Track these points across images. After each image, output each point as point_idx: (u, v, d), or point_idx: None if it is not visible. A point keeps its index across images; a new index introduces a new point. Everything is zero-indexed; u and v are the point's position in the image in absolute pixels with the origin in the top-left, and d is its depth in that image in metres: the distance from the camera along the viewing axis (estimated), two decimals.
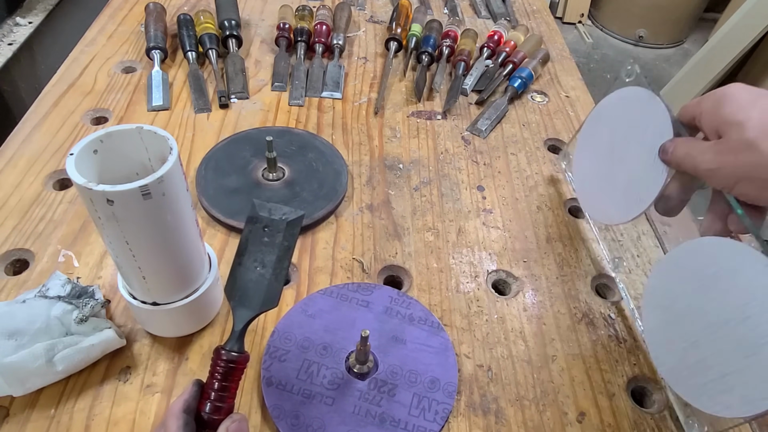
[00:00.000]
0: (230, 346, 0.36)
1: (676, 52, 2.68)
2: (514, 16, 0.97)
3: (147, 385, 0.44)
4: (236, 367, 0.36)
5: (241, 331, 0.37)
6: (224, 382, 0.36)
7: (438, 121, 0.74)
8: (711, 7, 2.61)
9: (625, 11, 2.64)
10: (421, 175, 0.66)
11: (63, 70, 0.76)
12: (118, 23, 0.86)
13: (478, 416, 0.44)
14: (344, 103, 0.75)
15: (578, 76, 0.84)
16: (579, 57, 2.56)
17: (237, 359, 0.36)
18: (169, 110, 0.71)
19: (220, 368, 0.36)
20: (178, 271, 0.41)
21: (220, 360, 0.36)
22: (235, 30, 0.79)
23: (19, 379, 0.40)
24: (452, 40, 0.82)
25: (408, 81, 0.80)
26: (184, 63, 0.78)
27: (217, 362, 0.36)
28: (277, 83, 0.76)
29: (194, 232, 0.41)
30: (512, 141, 0.72)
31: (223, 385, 0.36)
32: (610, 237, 0.59)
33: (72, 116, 0.68)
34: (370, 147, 0.69)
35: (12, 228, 0.55)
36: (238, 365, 0.36)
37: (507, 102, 0.76)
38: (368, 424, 0.42)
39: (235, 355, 0.36)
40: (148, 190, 0.34)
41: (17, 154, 0.63)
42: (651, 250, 0.59)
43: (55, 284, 0.46)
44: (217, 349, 0.37)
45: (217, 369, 0.36)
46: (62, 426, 0.42)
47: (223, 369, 0.36)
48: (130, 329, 0.48)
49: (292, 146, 0.65)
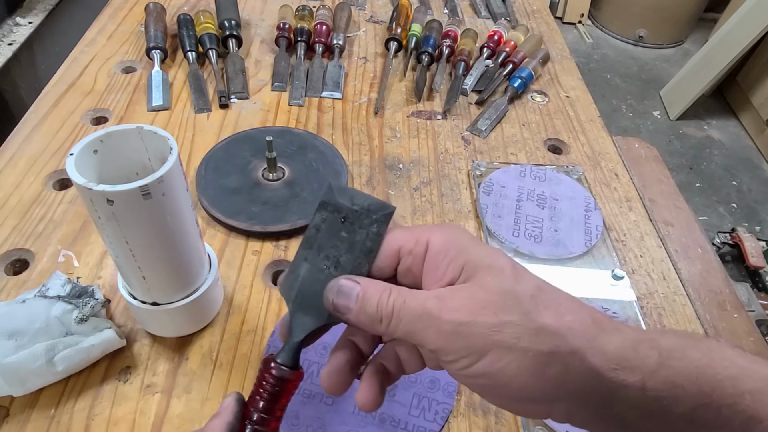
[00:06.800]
0: (283, 359, 0.29)
1: (676, 52, 2.68)
2: (514, 16, 0.97)
3: (147, 385, 0.44)
4: (288, 387, 0.29)
5: (300, 343, 0.29)
6: (271, 403, 0.29)
7: (438, 121, 0.74)
8: (711, 7, 2.61)
9: (625, 11, 2.64)
10: (421, 175, 0.66)
11: (63, 70, 0.76)
12: (118, 23, 0.86)
13: (478, 416, 0.44)
14: (344, 103, 0.75)
15: (578, 76, 0.84)
16: (579, 57, 2.56)
17: (290, 377, 0.29)
18: (169, 110, 0.71)
19: (269, 385, 0.29)
20: (178, 271, 0.41)
21: (269, 375, 0.29)
22: (235, 30, 0.79)
23: (19, 379, 0.40)
24: (452, 40, 0.82)
25: (408, 81, 0.80)
26: (184, 63, 0.78)
27: (265, 377, 0.29)
28: (277, 83, 0.76)
29: (194, 232, 0.41)
30: (512, 141, 0.72)
31: (269, 406, 0.29)
32: (614, 237, 0.59)
33: (72, 116, 0.68)
34: (370, 147, 0.69)
35: (12, 228, 0.55)
36: (290, 384, 0.29)
37: (507, 102, 0.76)
38: (368, 424, 0.42)
39: (287, 371, 0.29)
40: (148, 190, 0.34)
41: (17, 154, 0.63)
42: (654, 250, 0.59)
43: (55, 284, 0.46)
44: (266, 361, 0.29)
45: (264, 385, 0.29)
46: (62, 426, 0.42)
47: (271, 387, 0.29)
48: (130, 329, 0.48)
49: (292, 146, 0.65)
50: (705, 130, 2.24)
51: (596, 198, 0.64)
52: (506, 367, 0.24)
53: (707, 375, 0.24)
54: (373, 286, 0.27)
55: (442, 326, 0.25)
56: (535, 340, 0.24)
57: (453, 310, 0.25)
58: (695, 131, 2.23)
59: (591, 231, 0.59)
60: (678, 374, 0.24)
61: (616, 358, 0.24)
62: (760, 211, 1.90)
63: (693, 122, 2.26)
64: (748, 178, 2.02)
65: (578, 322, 0.25)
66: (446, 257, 0.27)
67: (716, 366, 0.25)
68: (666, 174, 0.71)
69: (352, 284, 0.28)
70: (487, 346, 0.24)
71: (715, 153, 2.13)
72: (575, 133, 0.74)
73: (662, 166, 0.73)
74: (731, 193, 1.96)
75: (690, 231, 0.63)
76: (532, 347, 0.24)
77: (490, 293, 0.25)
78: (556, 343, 0.24)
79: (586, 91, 0.82)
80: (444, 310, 0.25)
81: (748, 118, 2.21)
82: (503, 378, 0.24)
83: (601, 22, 2.78)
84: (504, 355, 0.24)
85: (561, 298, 0.26)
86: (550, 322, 0.24)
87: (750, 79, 2.17)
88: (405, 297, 0.26)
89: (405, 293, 0.27)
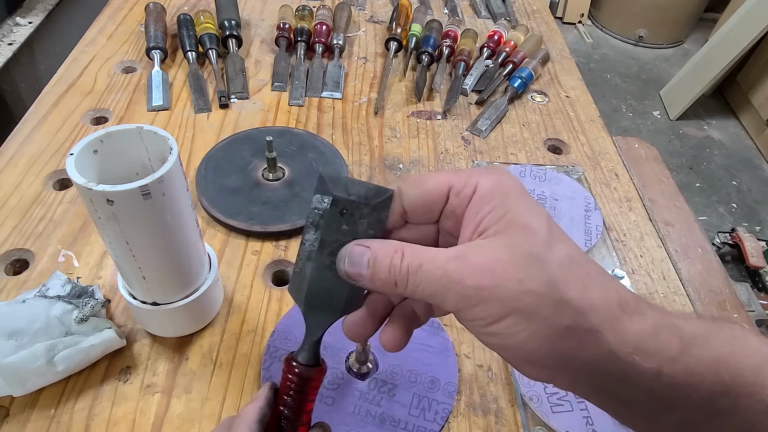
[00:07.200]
0: (304, 357, 0.30)
1: (676, 52, 2.68)
2: (514, 16, 0.97)
3: (147, 385, 0.44)
4: (312, 384, 0.30)
5: (318, 341, 0.30)
6: (299, 401, 0.30)
7: (438, 121, 0.74)
8: (711, 7, 2.61)
9: (625, 11, 2.64)
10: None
11: (63, 70, 0.76)
12: (118, 23, 0.86)
13: (478, 416, 0.44)
14: (344, 103, 0.75)
15: (578, 76, 0.84)
16: (579, 57, 2.56)
17: (313, 375, 0.30)
18: (169, 110, 0.71)
19: (294, 384, 0.30)
20: (178, 271, 0.41)
21: (292, 375, 0.30)
22: (235, 30, 0.79)
23: (19, 379, 0.40)
24: (452, 40, 0.82)
25: (408, 81, 0.80)
26: (184, 63, 0.78)
27: (289, 377, 0.30)
28: (277, 83, 0.76)
29: (194, 232, 0.41)
30: (512, 141, 0.72)
31: (298, 405, 0.30)
32: (614, 237, 0.59)
33: (72, 116, 0.68)
34: (370, 147, 0.69)
35: (12, 228, 0.55)
36: (314, 381, 0.30)
37: (507, 102, 0.76)
38: (368, 424, 0.42)
39: (311, 370, 0.30)
40: (148, 190, 0.34)
41: (17, 154, 0.63)
42: (654, 250, 0.59)
43: (55, 284, 0.46)
44: (287, 361, 0.30)
45: (290, 386, 0.30)
46: (62, 426, 0.41)
47: (297, 385, 0.30)
48: (130, 329, 0.48)
49: (292, 146, 0.65)
50: (705, 130, 2.24)
51: (596, 198, 0.64)
52: (520, 332, 0.24)
53: (728, 364, 0.24)
54: (384, 249, 0.26)
55: (464, 290, 0.24)
56: (555, 312, 0.23)
57: (475, 272, 0.24)
58: (695, 131, 2.23)
59: (591, 231, 0.59)
60: (698, 363, 0.24)
61: (634, 342, 0.24)
62: (760, 211, 1.90)
63: (693, 122, 2.26)
64: (748, 178, 2.02)
65: (602, 299, 0.24)
66: (489, 204, 0.26)
67: (738, 355, 0.24)
68: (666, 174, 0.71)
69: (362, 249, 0.27)
70: (506, 311, 0.24)
71: (715, 153, 2.13)
72: (575, 133, 0.74)
73: (662, 166, 0.73)
74: (731, 193, 1.96)
75: (690, 231, 0.63)
76: (550, 319, 0.23)
77: (517, 254, 0.24)
78: (575, 319, 0.23)
79: (586, 91, 0.82)
80: (466, 272, 0.24)
81: (748, 118, 2.21)
82: (515, 341, 0.24)
83: (601, 22, 2.78)
84: (521, 321, 0.24)
85: (591, 271, 0.25)
86: (574, 295, 0.24)
87: (750, 79, 2.17)
88: (421, 260, 0.25)
89: (420, 255, 0.25)
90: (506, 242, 0.25)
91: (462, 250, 0.25)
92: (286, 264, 0.55)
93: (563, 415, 0.44)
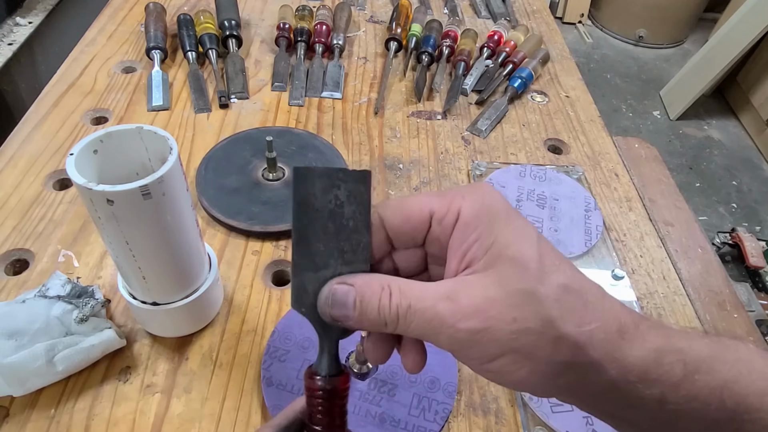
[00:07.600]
0: (325, 369, 0.28)
1: (676, 52, 2.68)
2: (514, 16, 0.97)
3: (147, 385, 0.44)
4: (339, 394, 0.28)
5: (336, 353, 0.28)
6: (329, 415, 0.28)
7: (438, 121, 0.74)
8: (711, 7, 2.61)
9: (625, 11, 2.64)
10: (421, 175, 0.66)
11: (63, 70, 0.76)
12: (118, 23, 0.86)
13: (478, 416, 0.44)
14: (344, 103, 0.75)
15: (578, 76, 0.84)
16: (579, 57, 2.56)
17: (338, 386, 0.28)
18: (169, 110, 0.71)
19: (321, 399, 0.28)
20: (178, 271, 0.41)
21: (316, 390, 0.28)
22: (235, 30, 0.79)
23: (19, 379, 0.40)
24: (452, 40, 0.82)
25: (408, 81, 0.80)
26: (184, 63, 0.78)
27: (315, 393, 0.28)
28: (277, 83, 0.76)
29: (194, 232, 0.41)
30: (512, 141, 0.72)
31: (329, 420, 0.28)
32: (614, 237, 0.59)
33: (72, 116, 0.68)
34: (370, 147, 0.69)
35: (12, 228, 0.55)
36: (340, 391, 0.28)
37: (507, 102, 0.76)
38: (368, 424, 0.42)
39: (334, 380, 0.28)
40: (148, 190, 0.34)
41: (17, 154, 0.63)
42: (654, 250, 0.59)
43: (55, 284, 0.46)
44: (310, 375, 0.28)
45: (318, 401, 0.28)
46: (62, 426, 0.42)
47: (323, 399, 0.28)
48: (130, 329, 0.48)
49: (292, 146, 0.65)
50: (705, 130, 2.24)
51: (596, 198, 0.64)
52: (519, 370, 0.23)
53: (733, 390, 0.24)
54: (370, 288, 0.25)
55: (456, 334, 0.23)
56: (553, 349, 0.23)
57: (467, 315, 0.23)
58: (695, 131, 2.23)
59: (591, 231, 0.59)
60: (701, 389, 0.24)
61: (636, 371, 0.23)
62: (760, 211, 1.90)
63: (693, 122, 2.26)
64: (748, 178, 2.02)
65: (601, 329, 0.23)
66: (474, 231, 0.25)
67: (743, 380, 0.24)
68: (666, 174, 0.71)
69: (346, 289, 0.25)
70: (502, 351, 0.23)
71: (715, 153, 2.13)
72: (575, 133, 0.74)
73: (662, 166, 0.73)
74: (731, 193, 1.96)
75: (690, 231, 0.63)
76: (548, 357, 0.23)
77: (508, 292, 0.23)
78: (573, 354, 0.23)
79: (586, 91, 0.82)
80: (458, 315, 0.23)
81: (748, 118, 2.21)
82: (514, 378, 0.24)
83: (601, 22, 2.78)
84: (518, 359, 0.23)
85: (588, 299, 0.24)
86: (571, 330, 0.23)
87: (750, 79, 2.17)
88: (410, 299, 0.24)
89: (408, 294, 0.24)
90: (496, 278, 0.24)
91: (451, 289, 0.24)
92: (286, 264, 0.55)
93: (563, 415, 0.44)
